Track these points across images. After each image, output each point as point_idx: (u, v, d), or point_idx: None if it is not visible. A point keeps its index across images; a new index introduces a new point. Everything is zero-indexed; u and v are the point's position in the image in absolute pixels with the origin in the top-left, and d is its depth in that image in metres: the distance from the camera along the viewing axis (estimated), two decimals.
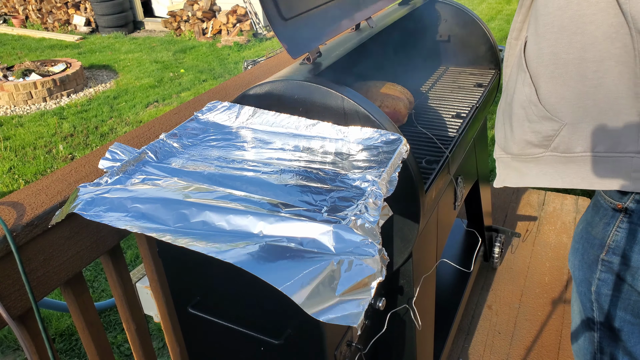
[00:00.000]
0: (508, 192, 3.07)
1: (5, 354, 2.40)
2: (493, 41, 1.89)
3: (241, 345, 1.15)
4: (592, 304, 1.20)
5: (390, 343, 1.48)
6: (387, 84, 1.60)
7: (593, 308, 1.20)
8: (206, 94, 1.52)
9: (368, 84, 1.60)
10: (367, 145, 1.05)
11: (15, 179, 4.25)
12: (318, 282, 0.67)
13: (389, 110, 1.51)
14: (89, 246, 1.08)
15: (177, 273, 1.18)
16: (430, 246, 1.49)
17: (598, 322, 1.22)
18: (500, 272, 2.44)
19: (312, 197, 0.89)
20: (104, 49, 7.97)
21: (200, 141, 1.11)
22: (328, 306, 0.66)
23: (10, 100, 5.82)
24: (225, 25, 8.17)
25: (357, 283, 0.68)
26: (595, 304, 1.19)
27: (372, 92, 1.56)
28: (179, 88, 6.18)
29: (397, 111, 1.53)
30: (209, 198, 0.86)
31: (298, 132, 1.11)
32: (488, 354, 2.03)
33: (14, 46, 8.35)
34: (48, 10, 9.38)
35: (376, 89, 1.56)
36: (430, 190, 1.25)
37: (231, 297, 1.09)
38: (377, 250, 0.72)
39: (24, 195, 1.03)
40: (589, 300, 1.20)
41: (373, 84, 1.59)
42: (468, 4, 8.64)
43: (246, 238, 0.75)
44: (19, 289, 0.95)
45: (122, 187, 0.90)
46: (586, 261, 1.18)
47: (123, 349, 2.43)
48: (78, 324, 1.15)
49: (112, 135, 5.02)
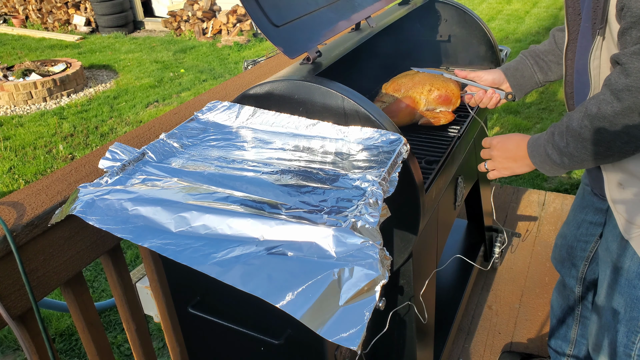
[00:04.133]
0: (508, 192, 3.07)
1: (5, 354, 2.40)
2: (493, 41, 1.89)
3: (241, 345, 1.15)
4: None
5: (390, 343, 1.48)
6: (425, 72, 1.61)
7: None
8: (206, 93, 1.52)
9: (409, 73, 1.61)
10: (367, 145, 1.05)
11: (15, 179, 4.25)
12: (321, 296, 0.66)
13: (441, 93, 1.51)
14: (89, 246, 1.08)
15: (177, 273, 1.18)
16: (430, 246, 1.49)
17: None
18: (501, 272, 2.44)
19: (312, 198, 0.89)
20: (104, 49, 7.97)
21: (200, 141, 1.11)
22: (333, 318, 0.64)
23: (11, 100, 5.82)
24: (225, 25, 8.17)
25: (360, 290, 0.67)
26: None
27: (419, 77, 1.55)
28: (179, 88, 6.18)
29: (450, 93, 1.51)
30: (209, 200, 0.86)
31: (298, 132, 1.11)
32: (488, 354, 2.03)
33: (14, 46, 8.35)
34: (48, 10, 9.37)
35: (421, 75, 1.57)
36: (430, 190, 1.25)
37: (231, 297, 1.09)
38: (377, 253, 0.71)
39: (24, 195, 1.03)
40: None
41: (414, 72, 1.61)
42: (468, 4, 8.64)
43: (247, 244, 0.75)
44: (19, 289, 0.95)
45: (122, 188, 0.89)
46: None
47: (123, 349, 2.43)
48: (78, 324, 1.15)
49: (112, 135, 5.02)
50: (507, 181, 3.54)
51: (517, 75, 1.47)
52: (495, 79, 1.50)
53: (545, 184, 3.50)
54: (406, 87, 1.54)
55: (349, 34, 1.53)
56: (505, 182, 3.49)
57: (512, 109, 4.69)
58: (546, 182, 3.52)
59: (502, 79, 1.49)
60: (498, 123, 4.47)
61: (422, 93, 1.52)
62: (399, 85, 1.55)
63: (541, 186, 3.44)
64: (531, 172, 3.74)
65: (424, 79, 1.54)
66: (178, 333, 1.40)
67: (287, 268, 0.70)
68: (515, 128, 4.33)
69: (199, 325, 1.20)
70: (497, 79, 1.49)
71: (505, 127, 4.38)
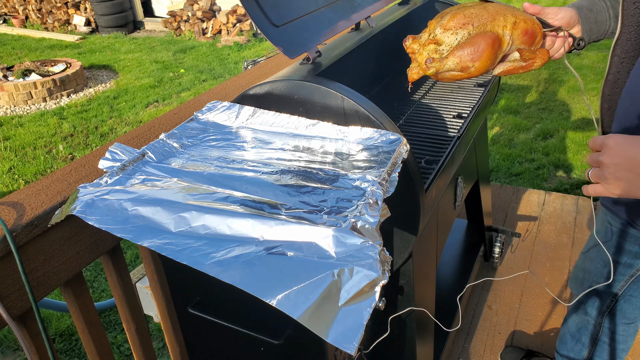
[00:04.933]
0: (508, 192, 3.07)
1: (5, 354, 2.40)
2: None
3: (241, 345, 1.15)
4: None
5: (390, 342, 1.48)
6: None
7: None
8: (206, 94, 1.52)
9: (470, 4, 1.17)
10: (367, 145, 1.05)
11: (15, 179, 4.25)
12: (320, 296, 0.66)
13: (527, 27, 1.13)
14: (89, 246, 1.08)
15: (177, 273, 1.18)
16: (430, 246, 1.49)
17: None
18: (501, 272, 2.44)
19: (312, 198, 0.89)
20: (104, 49, 7.97)
21: (200, 141, 1.11)
22: (332, 319, 0.64)
23: (10, 100, 5.82)
24: (225, 25, 8.17)
25: (360, 290, 0.67)
26: None
27: (493, 6, 1.14)
28: (179, 88, 6.18)
29: (536, 27, 1.15)
30: (209, 200, 0.86)
31: (298, 132, 1.11)
32: (488, 354, 2.03)
33: (14, 46, 8.35)
34: (48, 10, 9.37)
35: (495, 5, 1.15)
36: (430, 190, 1.25)
37: (231, 297, 1.09)
38: (377, 253, 0.71)
39: (24, 195, 1.03)
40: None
41: (477, 2, 1.18)
42: None
43: (247, 244, 0.75)
44: (19, 289, 0.95)
45: (122, 188, 0.89)
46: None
47: (123, 349, 2.43)
48: (78, 324, 1.15)
49: (112, 135, 5.02)
50: (507, 181, 3.54)
51: (591, 18, 1.20)
52: (570, 19, 1.20)
53: (545, 183, 3.50)
54: (481, 19, 1.09)
55: (349, 34, 1.53)
56: (505, 182, 3.49)
57: (512, 109, 4.69)
58: (546, 182, 3.52)
59: (575, 20, 1.21)
60: (498, 123, 4.47)
61: (506, 27, 1.10)
62: (469, 18, 1.09)
63: (541, 186, 3.44)
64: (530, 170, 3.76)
65: (503, 9, 1.13)
66: (178, 333, 1.40)
67: (286, 268, 0.70)
68: (515, 128, 4.33)
69: (199, 325, 1.20)
70: (572, 19, 1.21)
71: (505, 127, 4.38)
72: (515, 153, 3.93)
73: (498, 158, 3.87)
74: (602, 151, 0.84)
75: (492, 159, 3.87)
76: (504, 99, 4.92)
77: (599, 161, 0.84)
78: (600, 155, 0.84)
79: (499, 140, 4.16)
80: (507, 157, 3.87)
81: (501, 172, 3.66)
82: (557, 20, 1.19)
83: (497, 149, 4.01)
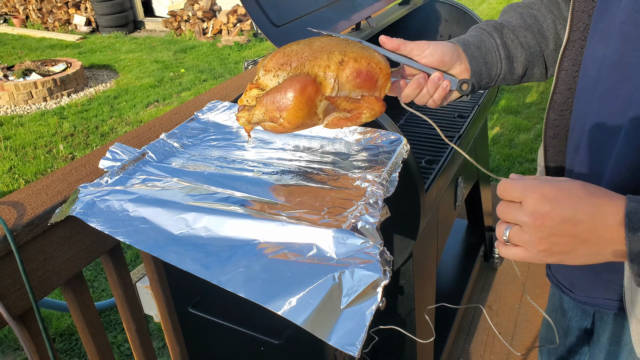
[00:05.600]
0: None
1: (5, 353, 2.40)
2: None
3: (241, 345, 1.15)
4: None
5: (390, 342, 1.48)
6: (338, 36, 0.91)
7: None
8: (206, 93, 1.52)
9: (310, 39, 0.90)
10: (367, 145, 1.05)
11: (16, 179, 4.25)
12: (322, 301, 0.65)
13: (359, 67, 0.84)
14: (89, 246, 1.08)
15: (177, 273, 1.18)
16: (430, 246, 1.49)
17: None
18: (501, 272, 2.44)
19: (312, 198, 0.89)
20: (104, 49, 7.97)
21: (200, 141, 1.11)
22: (334, 322, 0.64)
23: (11, 100, 5.82)
24: (225, 25, 8.17)
25: (362, 292, 0.66)
26: None
27: (321, 42, 0.87)
28: (180, 88, 6.18)
29: (373, 67, 0.86)
30: (210, 201, 0.86)
31: (298, 132, 1.11)
32: (488, 354, 2.03)
33: (14, 46, 8.35)
34: (48, 10, 9.38)
35: (326, 40, 0.88)
36: (430, 190, 1.25)
37: (231, 297, 1.09)
38: (378, 253, 0.71)
39: (24, 195, 1.03)
40: None
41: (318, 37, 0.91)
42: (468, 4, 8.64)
43: (248, 247, 0.75)
44: (19, 288, 0.95)
45: (123, 189, 0.89)
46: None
47: (123, 349, 2.43)
48: (78, 324, 1.15)
49: (113, 135, 5.02)
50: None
51: (479, 58, 0.92)
52: (445, 56, 0.88)
53: None
54: (300, 58, 0.84)
55: (349, 34, 1.53)
56: None
57: (513, 109, 4.69)
58: None
59: (455, 58, 0.89)
60: (498, 123, 4.47)
61: (329, 67, 0.83)
62: (287, 57, 0.85)
63: None
64: (531, 171, 3.75)
65: (331, 45, 0.86)
66: (178, 333, 1.40)
67: (287, 272, 0.70)
68: (515, 128, 4.33)
69: (199, 325, 1.20)
70: (448, 57, 0.89)
71: (506, 127, 4.38)
72: (515, 153, 3.93)
73: (498, 158, 3.87)
74: (525, 204, 0.63)
75: (492, 159, 3.87)
76: (504, 99, 4.92)
77: (520, 220, 0.63)
78: (521, 210, 0.63)
79: (499, 141, 4.16)
80: (508, 158, 3.87)
81: (501, 173, 3.66)
82: (424, 57, 0.88)
83: (498, 149, 4.01)
